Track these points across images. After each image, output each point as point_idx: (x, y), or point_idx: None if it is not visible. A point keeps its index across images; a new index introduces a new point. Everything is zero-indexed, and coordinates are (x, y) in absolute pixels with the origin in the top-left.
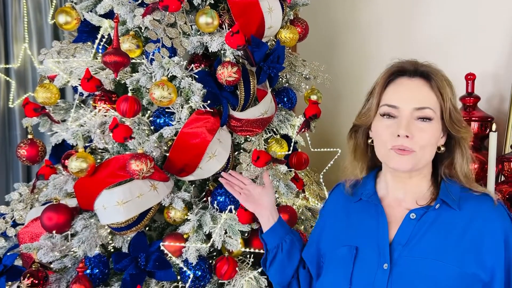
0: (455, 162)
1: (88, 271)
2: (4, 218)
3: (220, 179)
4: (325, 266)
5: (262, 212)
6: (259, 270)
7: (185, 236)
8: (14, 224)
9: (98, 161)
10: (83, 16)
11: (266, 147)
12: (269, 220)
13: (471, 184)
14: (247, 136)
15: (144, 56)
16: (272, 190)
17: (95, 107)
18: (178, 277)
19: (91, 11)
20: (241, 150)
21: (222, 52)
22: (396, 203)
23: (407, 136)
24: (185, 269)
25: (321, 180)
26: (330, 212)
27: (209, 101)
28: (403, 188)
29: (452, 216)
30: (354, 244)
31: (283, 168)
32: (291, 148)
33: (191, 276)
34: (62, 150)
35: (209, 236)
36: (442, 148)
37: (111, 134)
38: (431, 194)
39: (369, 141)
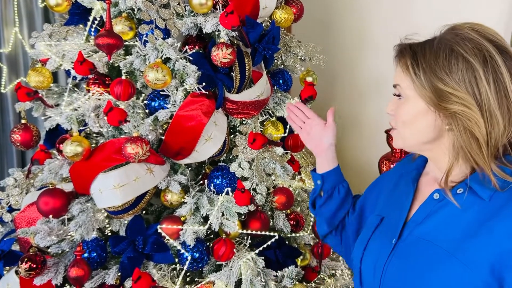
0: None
1: (86, 254)
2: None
3: (286, 109)
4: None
5: (321, 154)
6: (257, 251)
7: (182, 219)
8: (10, 210)
9: (93, 145)
10: None
11: (262, 129)
12: (328, 163)
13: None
14: (243, 119)
15: (137, 38)
16: (333, 130)
17: (88, 91)
18: (176, 260)
19: None
20: (237, 133)
21: (216, 33)
22: (432, 181)
23: (391, 114)
24: (183, 251)
25: None
26: (388, 178)
27: (204, 83)
28: (435, 166)
29: (476, 205)
30: (382, 214)
31: (279, 150)
32: (287, 130)
33: (189, 258)
34: (56, 135)
35: (206, 218)
36: (447, 127)
37: (105, 118)
38: (463, 176)
39: None
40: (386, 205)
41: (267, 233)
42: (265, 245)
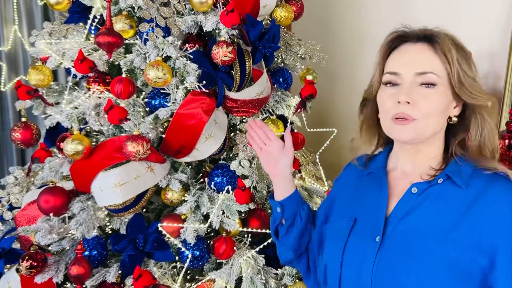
0: (469, 133)
1: (86, 253)
2: (0, 201)
3: (247, 125)
4: (326, 237)
5: (277, 177)
6: (257, 249)
7: (182, 217)
8: (11, 208)
9: (94, 143)
10: None
11: None
12: (286, 187)
13: (486, 160)
14: (243, 117)
15: (137, 36)
16: (291, 154)
17: (89, 89)
18: (177, 258)
19: None
20: (237, 131)
21: (216, 31)
22: (402, 176)
23: (408, 103)
24: (183, 249)
25: (317, 160)
26: (343, 185)
27: (204, 82)
28: (411, 161)
29: (456, 194)
30: (354, 216)
31: None
32: (287, 128)
33: (190, 256)
34: (57, 133)
35: (206, 216)
36: (454, 119)
37: (106, 116)
38: (438, 169)
39: (379, 115)
40: (355, 206)
41: (268, 231)
42: (265, 243)
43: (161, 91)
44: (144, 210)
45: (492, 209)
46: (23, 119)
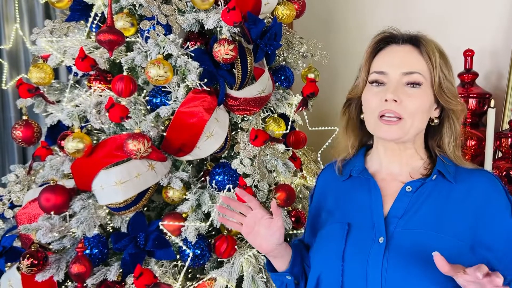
0: (443, 136)
1: (87, 251)
2: (1, 200)
3: (218, 207)
4: (315, 245)
5: (272, 252)
6: None
7: (183, 215)
8: (12, 206)
9: (95, 141)
10: None
11: (263, 126)
12: (284, 257)
13: (459, 161)
14: (245, 115)
15: (139, 34)
16: (282, 227)
17: (90, 87)
18: (178, 256)
19: None
20: (239, 130)
21: (218, 29)
22: (390, 178)
23: (395, 101)
24: (184, 248)
25: (319, 159)
26: (321, 194)
27: (205, 80)
28: (398, 161)
29: (448, 188)
30: (346, 221)
31: (281, 147)
32: (289, 127)
33: (191, 254)
34: (58, 131)
35: (207, 215)
36: (436, 121)
37: (107, 114)
38: (425, 167)
39: (362, 116)
40: (345, 211)
41: None
42: None
43: (162, 89)
44: (145, 208)
45: (485, 200)
46: (24, 117)
